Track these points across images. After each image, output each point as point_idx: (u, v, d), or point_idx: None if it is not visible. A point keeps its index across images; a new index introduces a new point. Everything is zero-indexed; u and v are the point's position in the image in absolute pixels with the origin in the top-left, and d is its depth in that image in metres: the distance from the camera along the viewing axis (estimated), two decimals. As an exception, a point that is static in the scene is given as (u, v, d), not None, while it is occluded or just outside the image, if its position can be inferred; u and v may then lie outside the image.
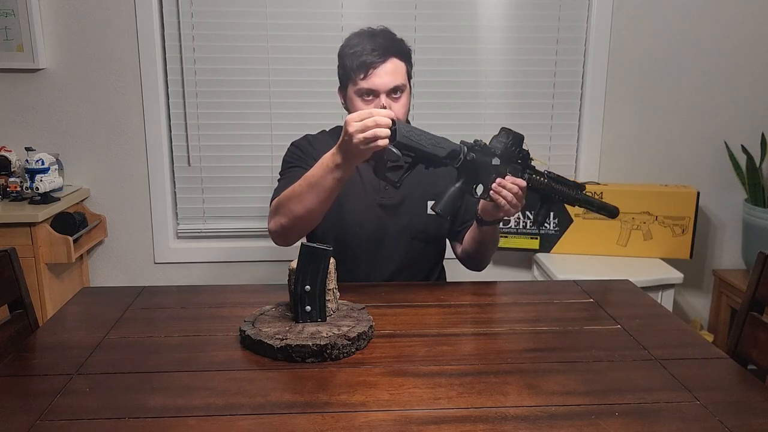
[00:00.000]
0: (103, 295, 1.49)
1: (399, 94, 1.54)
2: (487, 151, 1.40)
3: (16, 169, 2.31)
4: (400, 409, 0.97)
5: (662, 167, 2.58)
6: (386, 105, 1.51)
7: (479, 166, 1.39)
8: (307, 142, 1.65)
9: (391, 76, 1.52)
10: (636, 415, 0.97)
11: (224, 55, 2.41)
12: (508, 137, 1.42)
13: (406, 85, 1.56)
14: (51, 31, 2.32)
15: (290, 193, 1.46)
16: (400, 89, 1.54)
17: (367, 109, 1.33)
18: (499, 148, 1.41)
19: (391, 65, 1.52)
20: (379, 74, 1.51)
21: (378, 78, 1.51)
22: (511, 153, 1.42)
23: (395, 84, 1.52)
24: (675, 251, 2.43)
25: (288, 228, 1.50)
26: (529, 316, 1.38)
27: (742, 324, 1.30)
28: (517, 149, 1.42)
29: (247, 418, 0.94)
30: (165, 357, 1.14)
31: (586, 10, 2.48)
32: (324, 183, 1.38)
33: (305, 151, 1.63)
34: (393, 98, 1.53)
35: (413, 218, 1.61)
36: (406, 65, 1.57)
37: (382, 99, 1.52)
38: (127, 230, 2.50)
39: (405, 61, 1.56)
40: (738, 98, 2.54)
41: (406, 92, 1.57)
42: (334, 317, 1.24)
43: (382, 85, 1.51)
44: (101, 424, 0.93)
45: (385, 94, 1.52)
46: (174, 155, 2.49)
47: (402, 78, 1.54)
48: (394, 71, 1.53)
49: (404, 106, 1.56)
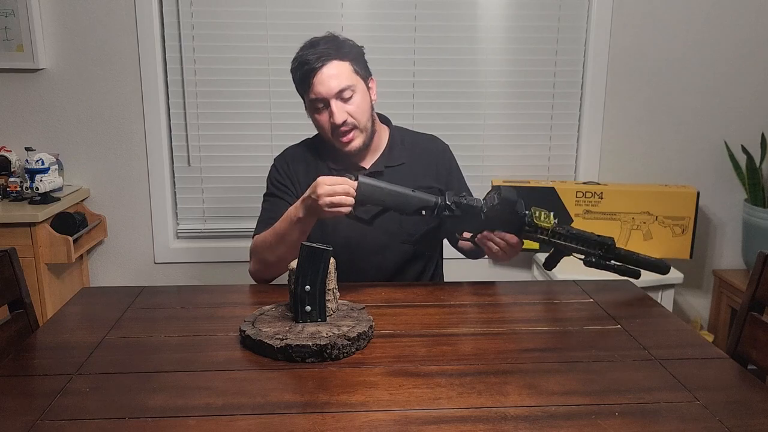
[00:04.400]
0: (103, 295, 1.49)
1: (350, 95, 1.52)
2: (469, 210, 1.39)
3: (16, 169, 2.31)
4: (400, 409, 0.97)
5: (662, 167, 2.58)
6: (337, 109, 1.50)
7: (458, 220, 1.40)
8: (285, 163, 1.65)
9: (335, 79, 1.50)
10: (636, 415, 0.97)
11: (224, 55, 2.41)
12: (497, 198, 1.38)
13: (356, 84, 1.53)
14: (51, 31, 2.32)
15: (262, 243, 1.53)
16: (349, 89, 1.51)
17: (340, 178, 1.36)
18: (487, 207, 1.39)
19: (332, 69, 1.50)
20: (321, 81, 1.50)
21: (320, 85, 1.50)
22: (502, 215, 1.38)
23: (340, 87, 1.50)
24: (675, 251, 2.43)
25: (265, 272, 1.56)
26: (529, 316, 1.38)
27: (742, 324, 1.30)
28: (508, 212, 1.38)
29: (247, 418, 0.94)
30: (165, 357, 1.14)
31: (586, 10, 2.48)
32: (291, 236, 1.45)
33: (283, 173, 1.63)
34: (344, 100, 1.51)
35: (402, 222, 1.59)
36: (351, 64, 1.53)
37: (332, 104, 1.50)
38: (127, 230, 2.50)
39: (349, 60, 1.53)
40: (738, 98, 2.54)
41: (360, 91, 1.54)
42: (334, 317, 1.24)
43: (326, 91, 1.50)
44: (101, 424, 0.93)
45: (335, 99, 1.51)
46: (174, 155, 2.49)
47: (347, 79, 1.52)
48: (338, 74, 1.50)
49: (359, 106, 1.53)
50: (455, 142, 1.89)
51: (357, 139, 1.55)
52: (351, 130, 1.53)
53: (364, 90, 1.56)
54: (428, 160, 1.67)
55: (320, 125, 1.56)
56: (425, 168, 1.64)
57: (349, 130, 1.53)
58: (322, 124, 1.56)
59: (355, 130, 1.54)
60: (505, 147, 2.56)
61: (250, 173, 2.50)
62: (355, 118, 1.53)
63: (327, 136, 1.57)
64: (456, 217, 1.39)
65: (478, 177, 2.48)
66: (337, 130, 1.53)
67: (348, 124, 1.52)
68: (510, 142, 2.56)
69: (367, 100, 1.56)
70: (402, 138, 1.68)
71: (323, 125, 1.55)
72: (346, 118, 1.51)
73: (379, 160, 1.63)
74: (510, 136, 2.56)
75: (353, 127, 1.53)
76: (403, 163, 1.63)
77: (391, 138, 1.66)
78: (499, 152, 2.56)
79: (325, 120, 1.54)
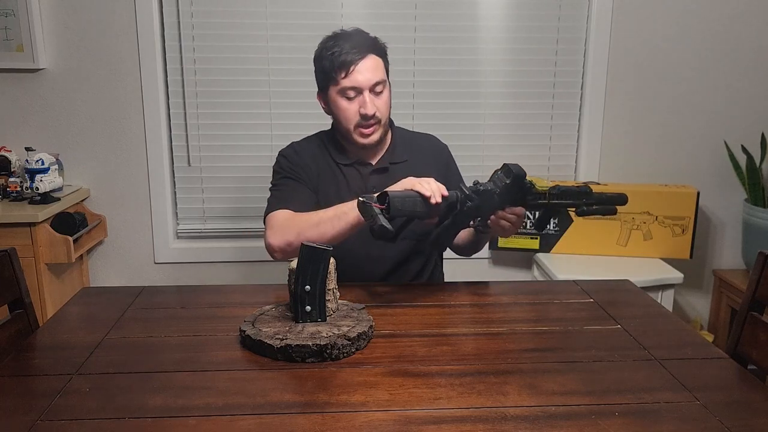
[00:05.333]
0: (103, 295, 1.49)
1: (381, 89, 1.56)
2: (487, 194, 1.39)
3: (16, 169, 2.31)
4: (400, 409, 0.97)
5: (662, 167, 2.58)
6: (369, 101, 1.53)
7: (478, 209, 1.39)
8: (294, 152, 1.65)
9: (372, 72, 1.54)
10: (636, 415, 0.97)
11: (224, 55, 2.41)
12: (508, 176, 1.39)
13: (386, 80, 1.59)
14: (51, 31, 2.32)
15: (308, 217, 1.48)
16: (381, 84, 1.56)
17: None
18: (499, 187, 1.39)
19: (371, 61, 1.54)
20: (360, 71, 1.53)
21: (360, 74, 1.53)
22: (512, 191, 1.40)
23: (377, 80, 1.54)
24: (675, 251, 2.43)
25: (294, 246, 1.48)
26: (529, 316, 1.38)
27: (742, 324, 1.30)
28: (517, 187, 1.40)
29: (247, 418, 0.94)
30: (165, 357, 1.14)
31: (586, 10, 2.48)
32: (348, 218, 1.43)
33: (294, 162, 1.63)
34: (376, 93, 1.55)
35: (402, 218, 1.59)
36: (383, 61, 1.59)
37: (365, 95, 1.53)
38: (127, 230, 2.50)
39: (382, 57, 1.59)
40: (738, 98, 2.54)
41: (387, 88, 1.59)
42: (334, 317, 1.24)
43: (365, 81, 1.53)
44: (101, 424, 0.93)
45: (368, 90, 1.54)
46: (174, 155, 2.49)
47: (382, 74, 1.57)
48: (375, 67, 1.55)
49: (386, 102, 1.58)
50: (455, 142, 1.89)
51: (376, 133, 1.58)
52: (374, 124, 1.56)
53: (389, 89, 1.61)
54: (428, 157, 1.70)
55: (345, 114, 1.57)
56: (426, 165, 1.66)
57: (373, 123, 1.56)
58: (347, 114, 1.56)
59: (377, 125, 1.57)
60: (505, 147, 2.56)
61: (251, 173, 2.50)
62: (381, 113, 1.56)
63: (347, 126, 1.58)
64: (475, 207, 1.39)
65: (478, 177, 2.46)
66: (363, 122, 1.55)
67: (375, 117, 1.55)
68: (510, 142, 2.56)
69: (389, 99, 1.61)
70: (403, 137, 1.71)
71: (349, 115, 1.56)
72: (375, 111, 1.54)
73: (385, 157, 1.66)
74: (510, 136, 2.56)
75: (377, 122, 1.57)
76: (405, 160, 1.65)
77: (394, 136, 1.69)
78: (499, 152, 2.55)
79: (353, 109, 1.55)
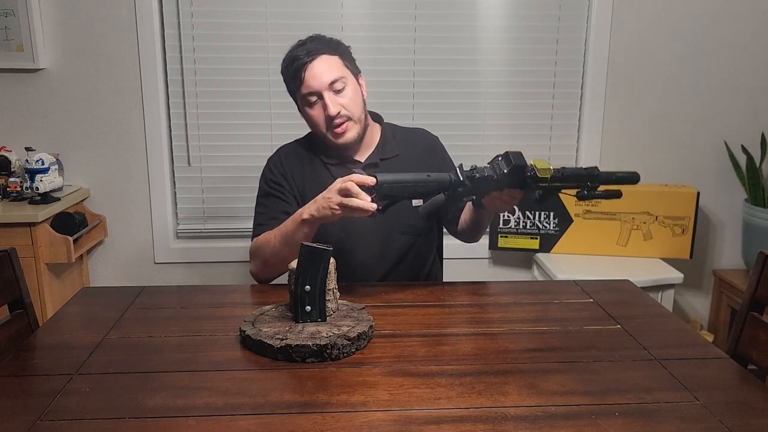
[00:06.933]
0: (103, 295, 1.49)
1: (342, 86, 1.53)
2: (482, 182, 1.39)
3: (16, 169, 2.31)
4: (400, 409, 0.97)
5: (662, 167, 2.58)
6: (330, 101, 1.51)
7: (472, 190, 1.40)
8: (279, 161, 1.65)
9: (326, 72, 1.52)
10: (636, 415, 0.97)
11: (224, 55, 2.41)
12: (508, 166, 1.39)
13: (347, 76, 1.55)
14: (51, 31, 2.32)
15: (265, 243, 1.52)
16: (341, 81, 1.53)
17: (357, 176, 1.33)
18: (497, 174, 1.40)
19: (321, 62, 1.52)
20: (312, 74, 1.51)
21: (312, 78, 1.51)
22: (510, 179, 1.40)
23: (332, 78, 1.52)
24: (675, 251, 2.43)
25: (266, 272, 1.55)
26: (529, 316, 1.38)
27: (742, 324, 1.30)
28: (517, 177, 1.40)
29: (247, 418, 0.94)
30: (165, 357, 1.14)
31: (586, 10, 2.48)
32: (295, 237, 1.43)
33: (277, 173, 1.63)
34: (336, 92, 1.53)
35: (402, 213, 1.59)
36: (340, 58, 1.56)
37: (326, 96, 1.52)
38: (127, 230, 2.50)
39: (338, 54, 1.56)
40: (738, 98, 2.54)
41: (351, 84, 1.55)
42: (334, 317, 1.24)
43: (319, 83, 1.51)
44: (101, 424, 0.93)
45: (328, 90, 1.52)
46: (174, 155, 2.49)
47: (338, 70, 1.54)
48: (328, 66, 1.53)
49: (351, 98, 1.55)
50: (455, 141, 1.89)
51: (351, 130, 1.56)
52: (345, 122, 1.54)
53: (355, 83, 1.57)
54: (420, 150, 1.68)
55: (314, 121, 1.57)
56: (418, 159, 1.65)
57: (343, 121, 1.54)
58: (315, 120, 1.56)
59: (349, 121, 1.55)
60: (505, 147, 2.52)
61: (251, 173, 2.49)
62: (348, 110, 1.54)
63: (321, 132, 1.57)
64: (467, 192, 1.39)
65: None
66: (331, 122, 1.53)
67: (342, 116, 1.53)
68: (510, 141, 2.55)
69: (358, 94, 1.58)
70: (393, 133, 1.70)
71: (317, 120, 1.56)
72: (339, 110, 1.52)
73: (374, 154, 1.64)
74: (510, 136, 2.55)
75: (347, 119, 1.54)
76: (396, 155, 1.64)
77: (383, 133, 1.68)
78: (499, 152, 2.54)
79: (318, 114, 1.54)
